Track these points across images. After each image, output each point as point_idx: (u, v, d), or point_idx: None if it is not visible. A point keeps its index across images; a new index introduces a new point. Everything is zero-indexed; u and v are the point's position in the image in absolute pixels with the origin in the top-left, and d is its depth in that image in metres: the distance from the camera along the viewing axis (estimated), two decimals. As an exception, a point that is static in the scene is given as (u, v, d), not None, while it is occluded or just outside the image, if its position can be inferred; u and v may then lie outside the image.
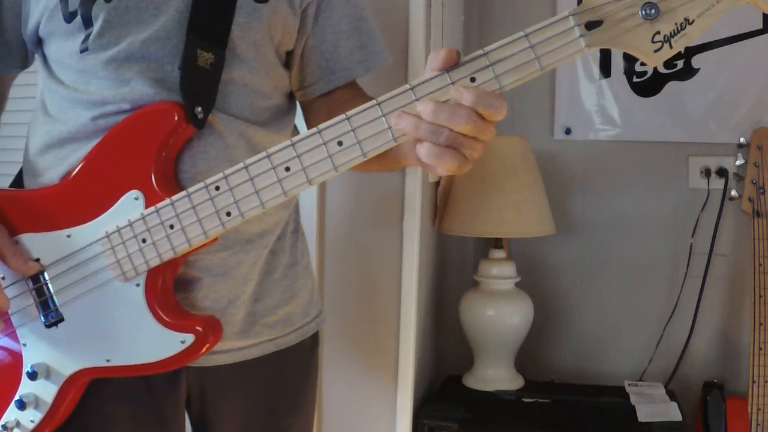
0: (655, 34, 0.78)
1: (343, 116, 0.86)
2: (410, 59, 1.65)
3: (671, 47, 0.78)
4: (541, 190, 1.96)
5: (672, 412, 1.81)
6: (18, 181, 1.13)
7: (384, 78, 1.22)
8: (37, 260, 1.02)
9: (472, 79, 0.81)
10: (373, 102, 0.84)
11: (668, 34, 0.78)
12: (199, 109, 0.99)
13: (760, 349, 1.89)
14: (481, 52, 0.81)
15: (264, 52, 1.07)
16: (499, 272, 1.97)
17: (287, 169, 0.89)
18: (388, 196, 1.69)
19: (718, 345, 2.09)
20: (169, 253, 0.96)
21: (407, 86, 0.83)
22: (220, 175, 0.92)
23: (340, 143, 0.86)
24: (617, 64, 2.10)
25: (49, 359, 1.03)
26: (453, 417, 1.79)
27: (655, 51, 0.78)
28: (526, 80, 0.81)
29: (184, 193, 0.94)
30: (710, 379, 2.00)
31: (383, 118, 0.84)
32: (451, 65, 0.81)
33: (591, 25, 0.78)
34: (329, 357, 1.73)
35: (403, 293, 1.70)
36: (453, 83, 0.81)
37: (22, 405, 1.02)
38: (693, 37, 0.78)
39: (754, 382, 1.89)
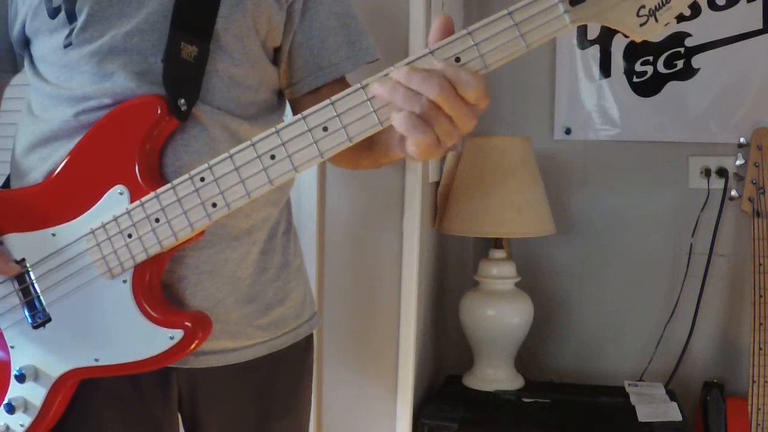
0: (640, 8, 0.78)
1: (327, 101, 0.85)
2: (410, 59, 1.65)
3: (656, 21, 0.78)
4: (541, 190, 1.96)
5: (672, 412, 1.81)
6: (7, 184, 1.12)
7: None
8: (23, 260, 1.02)
9: (457, 59, 0.81)
10: (358, 86, 0.84)
11: (653, 8, 0.77)
12: (183, 101, 0.99)
13: (760, 349, 1.89)
14: (465, 31, 0.80)
15: (249, 45, 1.07)
16: (499, 272, 1.97)
17: (272, 157, 0.89)
18: (387, 196, 1.69)
19: (718, 345, 2.09)
20: (155, 248, 0.96)
21: (392, 68, 0.83)
22: (205, 165, 0.92)
23: (325, 129, 0.86)
24: (617, 64, 2.10)
25: (37, 361, 1.02)
26: (453, 417, 1.79)
27: (641, 25, 0.78)
28: (513, 58, 0.81)
29: (168, 185, 0.94)
30: (710, 379, 2.00)
31: (368, 102, 0.84)
32: (449, 31, 0.82)
33: (575, 1, 0.78)
34: (329, 357, 1.73)
35: (403, 293, 1.70)
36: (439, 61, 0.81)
37: (11, 409, 1.01)
38: (677, 9, 0.77)
39: (754, 382, 1.89)
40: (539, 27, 0.79)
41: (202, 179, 0.92)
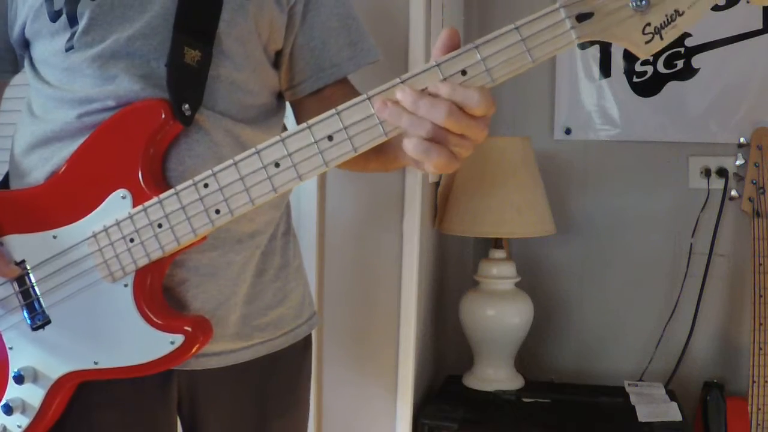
0: (645, 26, 0.78)
1: (333, 111, 0.85)
2: (410, 59, 1.65)
3: (662, 39, 0.78)
4: (541, 190, 1.96)
5: (672, 412, 1.81)
6: (5, 183, 1.12)
7: (383, 79, 1.22)
8: (23, 262, 1.01)
9: (464, 73, 0.80)
10: (363, 96, 0.84)
11: (658, 26, 0.78)
12: (187, 106, 0.99)
13: (760, 349, 1.89)
14: (471, 45, 0.80)
15: (251, 49, 1.07)
16: (499, 272, 1.97)
17: (277, 165, 0.88)
18: (388, 197, 1.69)
19: (718, 345, 2.09)
20: (157, 253, 0.95)
21: (398, 80, 0.82)
22: (209, 172, 0.91)
23: (330, 138, 0.86)
24: (617, 64, 2.10)
25: (36, 363, 1.01)
26: (453, 417, 1.79)
27: (646, 42, 0.79)
28: (519, 73, 0.81)
29: (172, 191, 0.93)
30: (710, 379, 2.00)
31: (374, 114, 0.84)
32: (455, 44, 0.81)
33: (581, 17, 0.78)
34: (329, 357, 1.73)
35: (403, 293, 1.70)
36: (445, 78, 0.81)
37: (8, 410, 1.00)
38: (683, 27, 0.78)
39: (754, 382, 1.89)
40: (546, 42, 0.79)
41: (206, 185, 0.92)
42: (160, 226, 0.94)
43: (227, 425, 1.14)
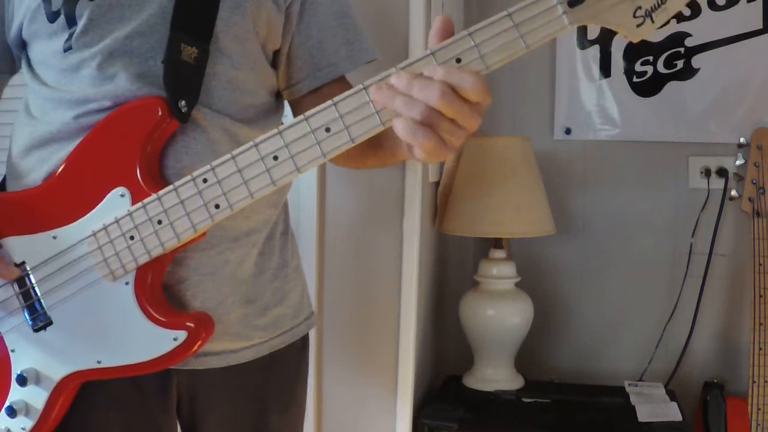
0: (636, 9, 0.79)
1: (329, 102, 0.86)
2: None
3: (653, 21, 0.79)
4: (541, 190, 1.96)
5: (672, 412, 1.81)
6: (2, 185, 1.12)
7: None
8: (23, 263, 1.01)
9: (458, 60, 0.81)
10: (360, 87, 0.84)
11: (649, 9, 0.79)
12: (183, 102, 0.99)
13: (760, 349, 1.89)
14: (465, 32, 0.81)
15: (248, 48, 1.07)
16: (499, 272, 1.97)
17: (275, 158, 0.89)
18: (387, 196, 1.69)
19: (718, 345, 2.09)
20: (157, 249, 0.96)
21: (393, 69, 0.83)
22: (207, 167, 0.92)
23: (327, 129, 0.86)
24: (617, 64, 2.10)
25: (39, 364, 1.02)
26: (453, 417, 1.79)
27: (638, 26, 0.80)
28: (513, 59, 0.81)
29: (171, 187, 0.94)
30: (710, 379, 2.00)
31: (370, 103, 0.84)
32: (449, 31, 0.82)
33: (573, 3, 0.79)
34: (329, 357, 1.73)
35: (403, 293, 1.70)
36: (439, 65, 0.81)
37: (12, 412, 1.01)
38: (673, 10, 0.79)
39: (754, 382, 1.89)
40: (539, 28, 0.80)
41: (205, 180, 0.92)
42: (159, 222, 0.95)
43: (226, 425, 1.15)
